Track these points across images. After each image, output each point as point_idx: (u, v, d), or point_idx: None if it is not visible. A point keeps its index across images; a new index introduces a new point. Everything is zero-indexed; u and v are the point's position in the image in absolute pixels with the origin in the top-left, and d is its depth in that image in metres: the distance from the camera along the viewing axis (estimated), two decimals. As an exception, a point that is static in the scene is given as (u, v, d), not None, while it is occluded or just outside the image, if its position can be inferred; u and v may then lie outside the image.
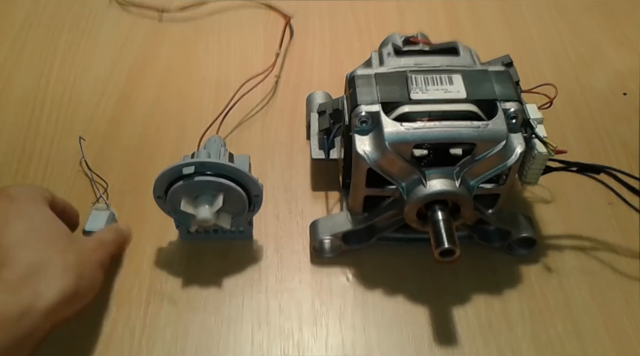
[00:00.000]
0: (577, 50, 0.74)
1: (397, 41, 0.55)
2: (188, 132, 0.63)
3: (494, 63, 0.51)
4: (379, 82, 0.47)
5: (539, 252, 0.54)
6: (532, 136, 0.47)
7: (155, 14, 0.78)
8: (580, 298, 0.51)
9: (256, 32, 0.77)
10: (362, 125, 0.46)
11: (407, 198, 0.47)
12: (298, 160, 0.62)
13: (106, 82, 0.70)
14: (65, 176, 0.60)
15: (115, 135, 0.64)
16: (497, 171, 0.46)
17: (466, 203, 0.47)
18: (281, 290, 0.52)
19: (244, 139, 0.64)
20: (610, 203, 0.57)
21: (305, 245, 0.54)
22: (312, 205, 0.58)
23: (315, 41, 0.76)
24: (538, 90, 0.52)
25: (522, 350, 0.48)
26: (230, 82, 0.68)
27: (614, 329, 0.49)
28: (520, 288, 0.52)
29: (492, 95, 0.46)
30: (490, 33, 0.77)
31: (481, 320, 0.50)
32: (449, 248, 0.45)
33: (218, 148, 0.52)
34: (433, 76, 0.47)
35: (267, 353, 0.48)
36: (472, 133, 0.44)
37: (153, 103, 0.67)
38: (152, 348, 0.48)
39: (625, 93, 0.69)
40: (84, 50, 0.74)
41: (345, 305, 0.51)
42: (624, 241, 0.55)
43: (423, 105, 0.46)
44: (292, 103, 0.67)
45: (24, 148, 0.62)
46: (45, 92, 0.68)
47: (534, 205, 0.58)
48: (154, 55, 0.73)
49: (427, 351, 0.48)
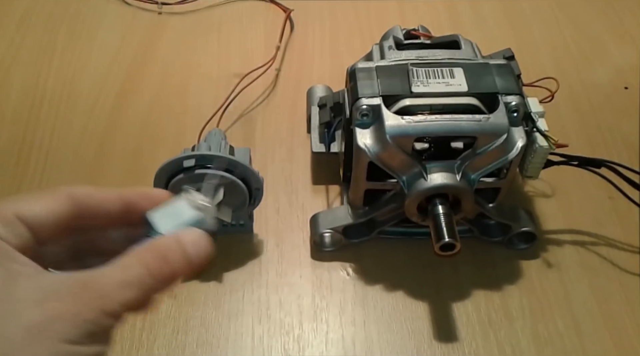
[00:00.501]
0: (578, 44, 0.74)
1: (398, 34, 0.55)
2: (188, 126, 0.63)
3: (495, 56, 0.51)
4: (380, 75, 0.47)
5: (539, 246, 0.54)
6: (534, 130, 0.47)
7: (154, 7, 0.78)
8: (580, 292, 0.51)
9: (256, 25, 0.76)
10: (363, 119, 0.46)
11: (407, 191, 0.46)
12: (298, 154, 0.61)
13: (106, 75, 0.69)
14: (64, 171, 0.60)
15: (116, 129, 0.64)
16: (498, 165, 0.46)
17: (467, 197, 0.46)
18: (281, 285, 0.52)
19: (244, 132, 0.63)
20: (610, 198, 0.57)
21: (306, 239, 0.54)
22: (313, 199, 0.58)
23: (316, 34, 0.76)
24: (539, 84, 0.52)
25: (522, 345, 0.48)
26: (230, 76, 0.68)
27: (614, 324, 0.49)
28: (520, 283, 0.52)
29: (493, 88, 0.46)
30: (492, 27, 0.77)
31: (481, 314, 0.50)
32: (450, 242, 0.45)
33: (219, 141, 0.52)
34: (434, 69, 0.47)
35: (267, 347, 0.48)
36: (474, 126, 0.44)
37: (153, 96, 0.67)
38: (153, 342, 0.48)
39: (626, 88, 0.69)
40: (83, 44, 0.73)
41: (345, 300, 0.51)
42: (625, 235, 0.55)
43: (424, 99, 0.46)
44: (293, 97, 0.67)
45: (23, 143, 0.62)
46: (44, 86, 0.68)
47: (534, 199, 0.58)
48: (154, 49, 0.73)
49: (427, 346, 0.48)
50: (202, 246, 0.28)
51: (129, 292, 0.26)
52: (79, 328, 0.24)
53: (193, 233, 0.28)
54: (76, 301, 0.25)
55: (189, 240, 0.28)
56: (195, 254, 0.28)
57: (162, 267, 0.27)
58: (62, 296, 0.25)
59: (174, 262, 0.27)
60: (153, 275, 0.26)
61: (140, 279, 0.26)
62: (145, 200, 0.30)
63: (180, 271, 0.27)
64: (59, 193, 0.28)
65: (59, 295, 0.25)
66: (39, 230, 0.27)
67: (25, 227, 0.27)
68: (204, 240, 0.28)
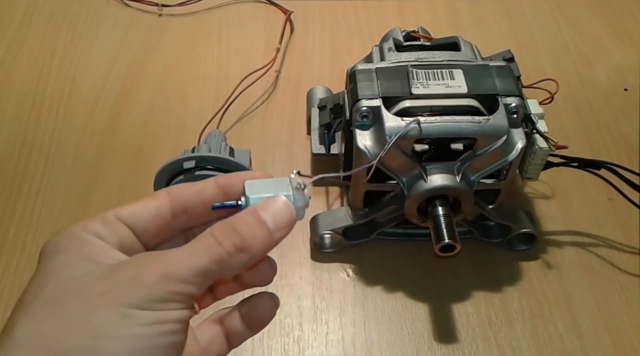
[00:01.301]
0: (578, 45, 0.74)
1: (398, 36, 0.55)
2: (188, 127, 0.63)
3: (495, 58, 0.51)
4: (380, 76, 0.47)
5: (539, 247, 0.54)
6: (533, 131, 0.47)
7: (155, 9, 0.78)
8: (580, 294, 0.51)
9: (256, 27, 0.76)
10: (363, 120, 0.46)
11: (407, 193, 0.46)
12: (298, 155, 0.61)
13: (106, 76, 0.69)
14: (65, 171, 0.60)
15: (116, 130, 0.64)
16: (498, 166, 0.46)
17: (467, 198, 0.47)
18: (281, 286, 0.52)
19: (244, 134, 0.63)
20: (610, 199, 0.57)
21: (306, 240, 0.54)
22: (313, 200, 0.57)
23: (316, 36, 0.76)
24: (539, 86, 0.52)
25: (522, 346, 0.48)
26: (230, 77, 0.68)
27: (613, 325, 0.49)
28: (520, 284, 0.52)
29: (493, 90, 0.46)
30: (491, 28, 0.77)
31: (481, 316, 0.50)
32: (450, 244, 0.45)
33: (219, 143, 0.52)
34: (434, 71, 0.47)
35: (267, 349, 0.48)
36: (473, 128, 0.44)
37: (153, 98, 0.67)
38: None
39: (626, 89, 0.69)
40: (84, 44, 0.74)
41: (345, 301, 0.51)
42: (624, 237, 0.55)
43: (424, 100, 0.46)
44: (293, 98, 0.67)
45: (24, 143, 0.62)
46: (45, 87, 0.68)
47: (534, 201, 0.58)
48: (154, 50, 0.73)
49: (427, 347, 0.48)
50: (284, 216, 0.27)
51: (196, 258, 0.26)
52: (140, 291, 0.24)
53: (275, 203, 0.27)
54: (139, 267, 0.25)
55: (269, 209, 0.27)
56: (273, 223, 0.27)
57: (232, 236, 0.26)
58: (126, 266, 0.26)
59: (245, 231, 0.26)
60: (221, 244, 0.26)
61: (208, 246, 0.26)
62: (243, 180, 0.29)
63: (254, 240, 0.27)
64: (158, 193, 0.29)
65: (123, 266, 0.26)
66: (141, 228, 0.28)
67: (124, 226, 0.28)
68: (286, 211, 0.27)
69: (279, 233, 0.27)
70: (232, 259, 0.26)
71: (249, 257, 0.27)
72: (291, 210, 0.27)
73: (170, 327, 0.25)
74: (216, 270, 0.26)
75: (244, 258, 0.26)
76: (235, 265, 0.26)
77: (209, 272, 0.26)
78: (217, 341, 0.32)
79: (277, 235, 0.27)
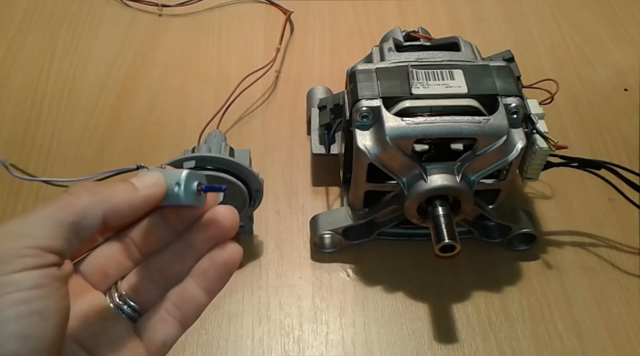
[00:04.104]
0: (577, 45, 0.74)
1: (398, 36, 0.55)
2: (188, 127, 0.63)
3: (495, 58, 0.51)
4: (380, 76, 0.47)
5: (539, 247, 0.54)
6: (533, 131, 0.47)
7: (155, 9, 0.78)
8: (579, 294, 0.51)
9: (256, 27, 0.76)
10: (363, 120, 0.46)
11: (407, 193, 0.46)
12: (298, 155, 0.61)
13: (106, 76, 0.70)
14: (65, 171, 0.60)
15: (116, 130, 0.64)
16: (498, 166, 0.46)
17: (467, 198, 0.47)
18: (281, 286, 0.52)
19: (244, 134, 0.63)
20: (610, 199, 0.57)
21: (306, 240, 0.54)
22: (313, 200, 0.58)
23: (316, 36, 0.76)
24: (539, 86, 0.52)
25: (522, 346, 0.48)
26: (230, 77, 0.68)
27: (613, 325, 0.49)
28: (520, 284, 0.52)
29: (493, 90, 0.46)
30: (491, 28, 0.77)
31: (481, 316, 0.50)
32: (450, 244, 0.45)
33: (219, 143, 0.52)
34: (434, 71, 0.47)
35: (267, 349, 0.48)
36: (473, 128, 0.44)
37: (153, 98, 0.67)
38: (152, 343, 0.48)
39: (626, 89, 0.69)
40: (84, 44, 0.74)
41: (345, 301, 0.51)
42: (624, 237, 0.55)
43: (424, 100, 0.46)
44: (293, 99, 0.67)
45: (24, 143, 0.62)
46: (45, 86, 0.68)
47: (534, 201, 0.58)
48: (154, 50, 0.73)
49: (427, 347, 0.48)
50: (149, 178, 0.30)
51: (45, 208, 0.26)
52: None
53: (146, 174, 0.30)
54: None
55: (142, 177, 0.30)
56: (137, 181, 0.30)
57: (107, 189, 0.28)
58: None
59: (118, 187, 0.29)
60: (72, 194, 0.27)
61: (60, 198, 0.27)
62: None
63: (112, 190, 0.28)
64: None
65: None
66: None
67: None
68: (153, 175, 0.30)
69: (144, 189, 0.29)
70: (83, 202, 0.27)
71: (110, 204, 0.28)
72: (157, 175, 0.30)
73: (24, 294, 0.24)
74: (69, 218, 0.26)
75: (105, 205, 0.28)
76: (95, 213, 0.27)
77: (62, 221, 0.26)
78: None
79: (141, 189, 0.29)
